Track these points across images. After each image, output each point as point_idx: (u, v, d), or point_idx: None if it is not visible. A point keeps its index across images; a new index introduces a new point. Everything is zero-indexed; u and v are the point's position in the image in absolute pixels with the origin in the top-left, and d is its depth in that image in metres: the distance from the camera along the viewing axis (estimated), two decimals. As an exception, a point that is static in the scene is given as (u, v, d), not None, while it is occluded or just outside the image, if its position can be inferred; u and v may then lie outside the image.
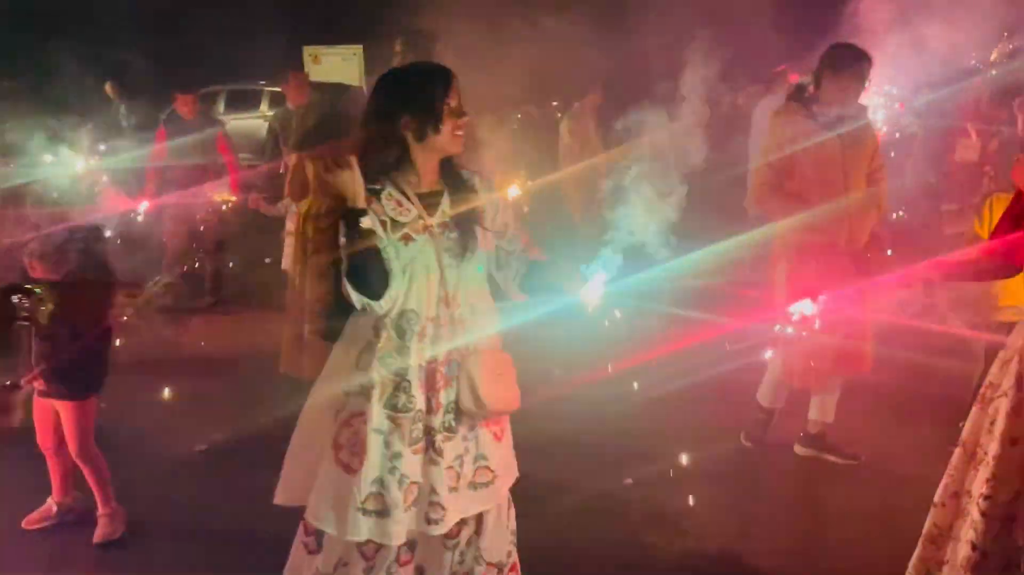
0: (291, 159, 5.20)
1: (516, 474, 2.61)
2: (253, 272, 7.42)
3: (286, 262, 5.33)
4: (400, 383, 2.35)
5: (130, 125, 9.26)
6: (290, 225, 5.29)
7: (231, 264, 7.42)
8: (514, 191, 4.52)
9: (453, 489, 2.40)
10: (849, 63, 3.86)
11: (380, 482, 2.34)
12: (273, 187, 5.73)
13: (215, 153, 6.86)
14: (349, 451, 2.35)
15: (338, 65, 17.12)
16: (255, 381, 5.01)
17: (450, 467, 2.41)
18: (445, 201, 2.43)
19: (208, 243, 7.04)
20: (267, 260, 6.79)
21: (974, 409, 2.65)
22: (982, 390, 2.65)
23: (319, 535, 2.45)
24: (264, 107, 15.11)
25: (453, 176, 2.46)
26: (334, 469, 2.36)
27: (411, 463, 2.35)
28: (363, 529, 2.34)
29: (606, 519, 3.69)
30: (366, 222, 2.25)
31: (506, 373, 2.49)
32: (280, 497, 2.48)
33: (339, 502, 2.34)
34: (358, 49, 18.20)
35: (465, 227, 2.42)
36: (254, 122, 12.90)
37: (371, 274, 2.27)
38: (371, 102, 2.41)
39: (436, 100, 2.34)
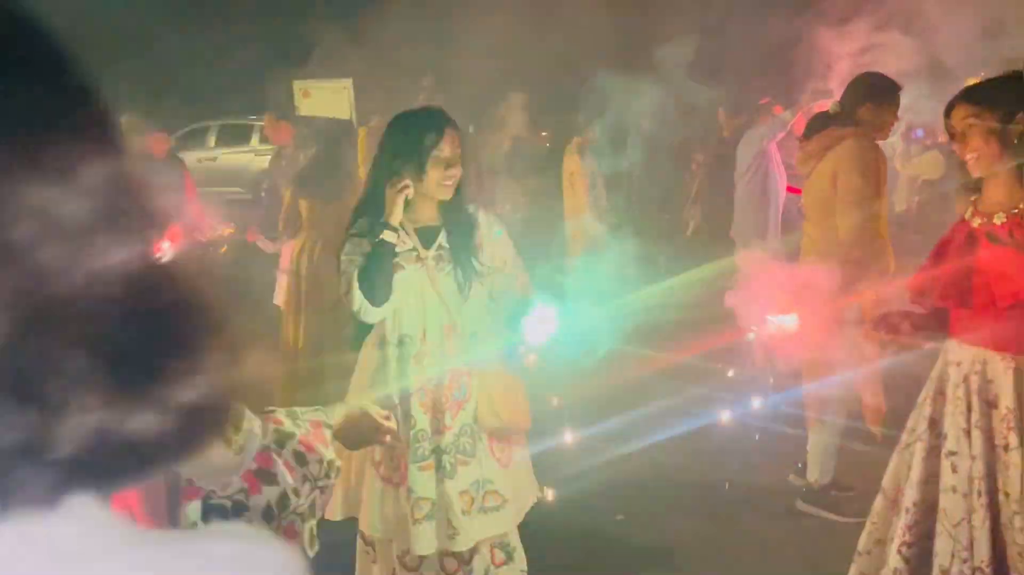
0: (285, 196, 5.24)
1: (535, 497, 2.78)
2: (242, 309, 7.41)
3: (279, 297, 5.35)
4: (401, 403, 2.54)
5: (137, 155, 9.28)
6: (284, 262, 5.32)
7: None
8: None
9: (465, 512, 2.55)
10: (890, 94, 3.81)
11: None
12: (271, 223, 5.74)
13: (182, 192, 6.81)
14: (387, 466, 2.57)
15: (328, 99, 17.20)
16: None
17: (464, 491, 2.56)
18: (442, 235, 2.63)
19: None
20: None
21: (894, 456, 2.66)
22: (902, 436, 2.67)
23: (375, 544, 2.66)
24: (255, 142, 15.20)
25: (453, 212, 2.65)
26: (379, 483, 2.58)
27: (418, 479, 2.51)
28: (420, 539, 2.53)
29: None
30: (389, 235, 2.50)
31: (518, 391, 2.67)
32: (336, 512, 2.64)
33: (385, 514, 2.58)
34: (348, 83, 18.34)
35: (461, 260, 2.61)
36: (244, 156, 12.97)
37: (379, 280, 2.50)
38: (379, 142, 2.67)
39: (422, 150, 2.52)
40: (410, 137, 2.57)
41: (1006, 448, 2.39)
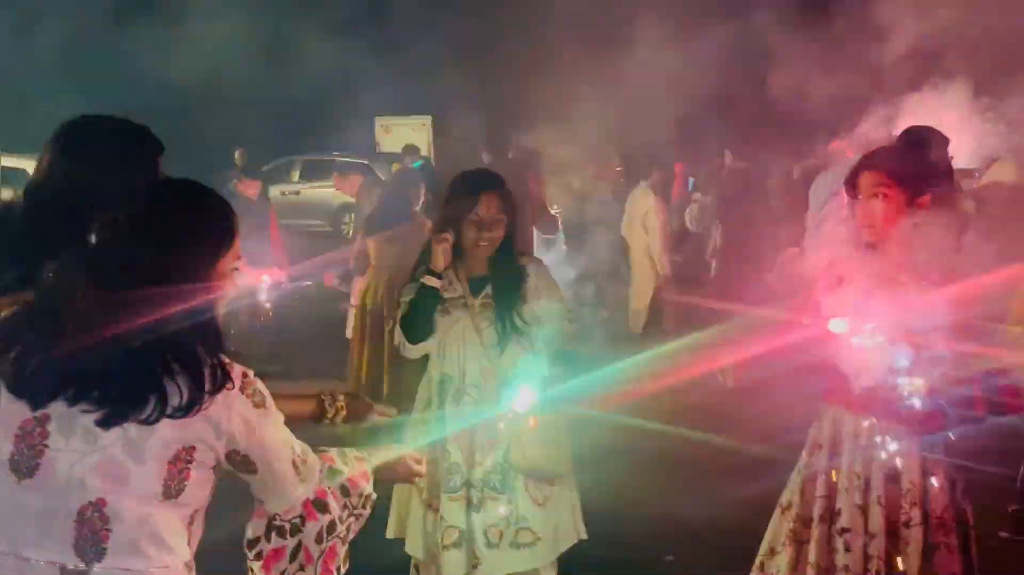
0: (357, 237, 5.59)
1: (577, 537, 2.87)
2: (313, 341, 7.74)
3: (349, 330, 5.69)
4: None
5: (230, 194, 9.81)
6: (353, 298, 5.67)
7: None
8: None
9: (493, 545, 2.71)
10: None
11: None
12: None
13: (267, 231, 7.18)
14: (430, 493, 2.78)
15: (408, 135, 17.78)
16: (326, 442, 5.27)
17: (493, 525, 2.72)
18: (489, 287, 2.83)
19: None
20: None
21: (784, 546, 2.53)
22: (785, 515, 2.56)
23: (419, 567, 2.88)
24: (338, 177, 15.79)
25: (502, 266, 2.85)
26: (421, 509, 2.80)
27: (449, 509, 2.72)
28: (443, 561, 2.73)
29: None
30: (431, 280, 2.72)
31: (552, 436, 2.79)
32: (390, 531, 2.89)
33: (426, 537, 2.78)
34: (426, 119, 18.97)
35: (503, 312, 2.80)
36: (326, 191, 13.55)
37: (417, 321, 2.76)
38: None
39: (458, 212, 2.76)
40: (453, 196, 2.82)
41: (907, 524, 2.35)
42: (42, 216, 1.91)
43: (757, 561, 2.62)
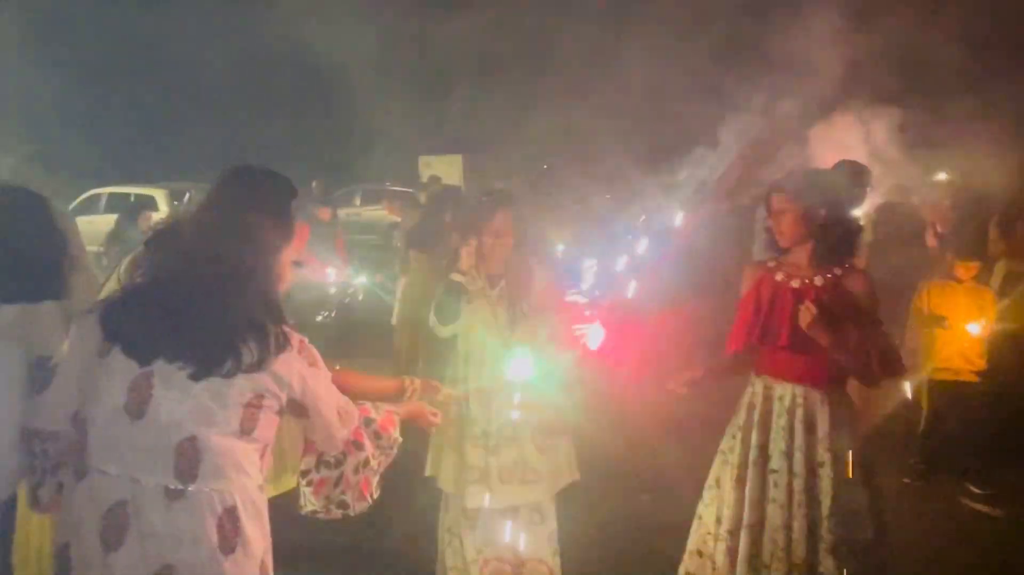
0: (400, 246, 5.67)
1: (571, 478, 2.89)
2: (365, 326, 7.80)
3: (395, 319, 5.75)
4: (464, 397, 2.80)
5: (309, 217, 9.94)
6: (398, 293, 5.74)
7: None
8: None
9: (506, 482, 2.76)
10: None
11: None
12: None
13: (335, 243, 7.31)
14: (458, 440, 2.81)
15: (444, 170, 17.96)
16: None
17: (505, 466, 2.77)
18: (503, 281, 2.88)
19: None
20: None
21: (721, 484, 2.56)
22: (723, 460, 2.59)
23: (448, 498, 2.90)
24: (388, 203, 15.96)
25: (514, 264, 2.88)
26: (452, 453, 2.83)
27: (471, 453, 2.78)
28: (467, 493, 2.77)
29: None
30: (458, 276, 2.78)
31: (557, 443, 2.83)
32: (428, 470, 2.90)
33: (455, 474, 2.82)
34: (458, 158, 19.16)
35: (515, 300, 2.85)
36: (380, 213, 13.69)
37: (447, 308, 2.79)
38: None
39: (479, 224, 2.82)
40: (476, 212, 2.90)
41: (821, 465, 2.40)
42: None
43: (704, 494, 2.64)
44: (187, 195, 12.02)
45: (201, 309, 1.57)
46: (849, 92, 4.35)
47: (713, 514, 2.57)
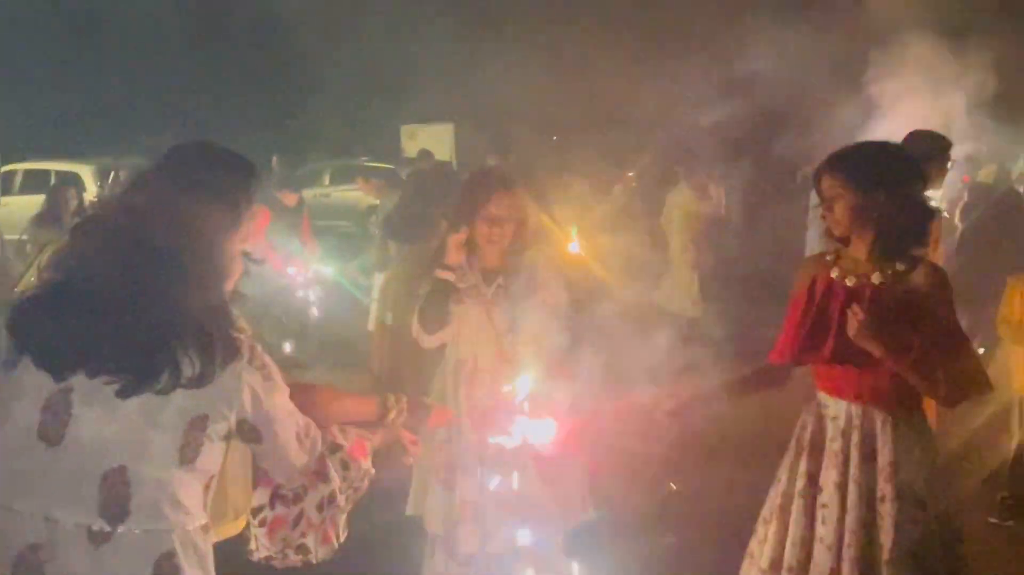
0: (376, 237, 5.66)
1: (585, 514, 2.89)
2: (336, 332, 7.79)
3: (372, 322, 5.76)
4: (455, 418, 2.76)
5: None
6: (376, 292, 5.74)
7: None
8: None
9: (504, 520, 2.75)
10: None
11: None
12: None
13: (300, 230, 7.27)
14: (447, 473, 2.82)
15: (431, 142, 17.91)
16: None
17: (505, 501, 2.75)
18: (502, 279, 2.86)
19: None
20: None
21: (770, 517, 2.56)
22: (775, 492, 2.56)
23: (435, 540, 2.90)
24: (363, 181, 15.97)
25: (514, 258, 2.87)
26: (439, 488, 2.83)
27: (465, 485, 2.77)
28: (458, 535, 2.77)
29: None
30: (443, 273, 2.76)
31: (566, 472, 2.83)
32: (410, 509, 2.91)
33: (444, 513, 2.81)
34: (449, 127, 19.08)
35: (514, 300, 2.83)
36: (354, 194, 13.60)
37: (432, 312, 2.79)
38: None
39: (471, 210, 2.79)
40: (466, 194, 2.87)
41: (882, 500, 2.36)
42: None
43: (757, 528, 2.65)
44: (114, 174, 11.97)
45: (131, 311, 1.55)
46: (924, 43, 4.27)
47: (767, 554, 2.57)
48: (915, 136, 3.55)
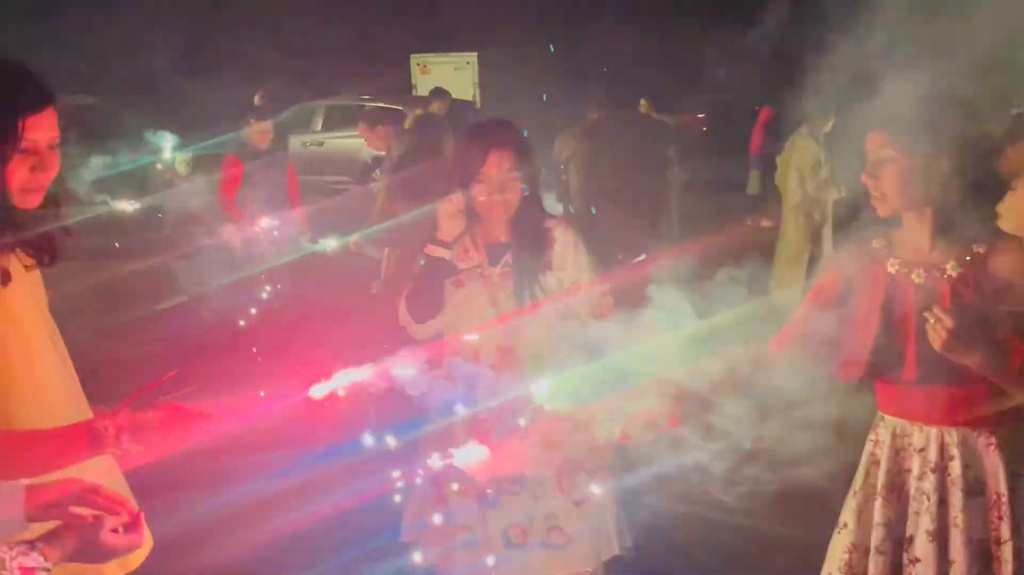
0: (379, 198, 5.66)
1: (615, 550, 2.88)
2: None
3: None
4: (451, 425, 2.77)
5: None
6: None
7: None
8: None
9: (518, 545, 2.76)
10: None
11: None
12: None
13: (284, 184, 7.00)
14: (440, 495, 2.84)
15: (449, 75, 17.70)
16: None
17: (515, 524, 2.77)
18: (509, 254, 2.84)
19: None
20: None
21: None
22: (839, 546, 2.48)
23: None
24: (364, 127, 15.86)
25: (524, 229, 2.84)
26: (437, 507, 2.84)
27: (460, 506, 2.79)
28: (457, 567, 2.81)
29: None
30: (437, 251, 2.72)
31: (562, 441, 2.77)
32: (405, 535, 2.93)
33: (442, 539, 2.83)
34: (472, 57, 18.72)
35: (525, 280, 2.82)
36: (354, 142, 13.31)
37: (423, 297, 2.76)
38: None
39: (467, 172, 2.75)
40: (460, 153, 2.86)
41: (998, 542, 2.26)
42: None
43: None
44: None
45: None
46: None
47: None
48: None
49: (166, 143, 8.17)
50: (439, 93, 9.66)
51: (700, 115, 18.33)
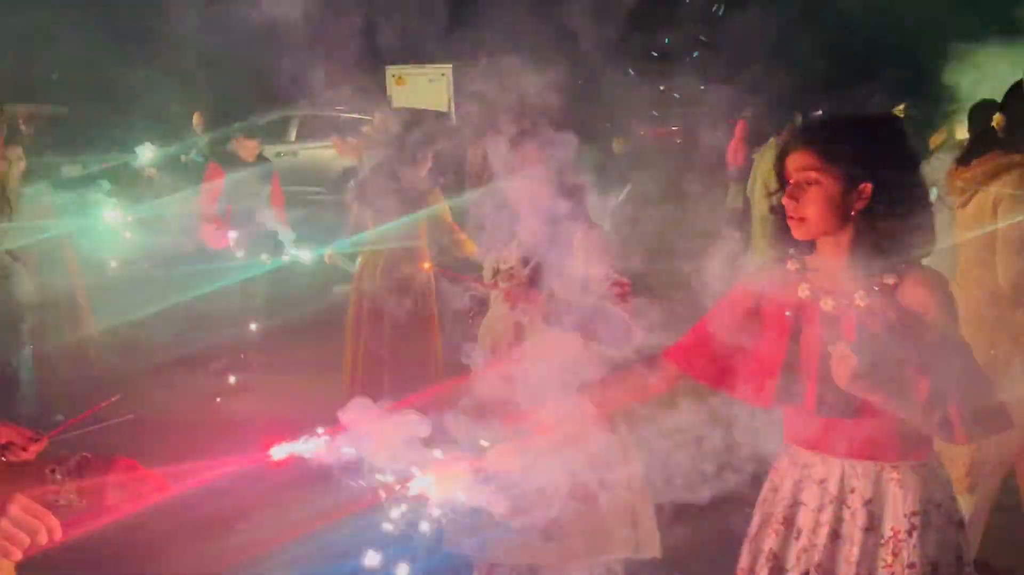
0: (352, 208, 5.67)
1: (647, 551, 3.04)
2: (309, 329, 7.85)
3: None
4: None
5: (195, 161, 9.90)
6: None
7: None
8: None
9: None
10: None
11: None
12: None
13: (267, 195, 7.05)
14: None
15: (424, 87, 17.86)
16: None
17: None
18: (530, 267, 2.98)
19: None
20: None
21: None
22: None
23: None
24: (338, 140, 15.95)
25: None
26: None
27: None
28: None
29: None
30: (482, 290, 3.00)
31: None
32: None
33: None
34: (447, 69, 18.89)
35: (541, 283, 2.92)
36: (327, 152, 13.56)
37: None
38: None
39: (476, 174, 2.84)
40: (475, 168, 2.96)
41: None
42: None
43: None
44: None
45: None
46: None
47: None
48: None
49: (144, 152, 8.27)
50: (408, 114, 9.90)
51: (674, 128, 18.57)
